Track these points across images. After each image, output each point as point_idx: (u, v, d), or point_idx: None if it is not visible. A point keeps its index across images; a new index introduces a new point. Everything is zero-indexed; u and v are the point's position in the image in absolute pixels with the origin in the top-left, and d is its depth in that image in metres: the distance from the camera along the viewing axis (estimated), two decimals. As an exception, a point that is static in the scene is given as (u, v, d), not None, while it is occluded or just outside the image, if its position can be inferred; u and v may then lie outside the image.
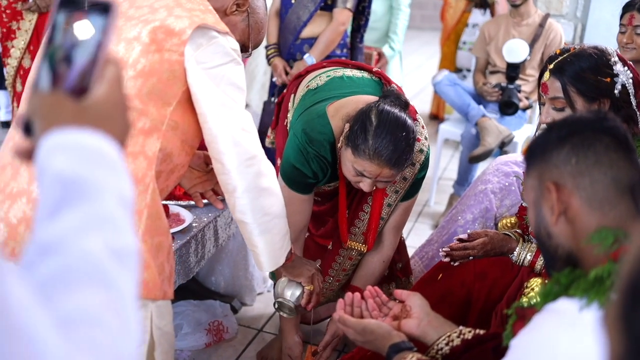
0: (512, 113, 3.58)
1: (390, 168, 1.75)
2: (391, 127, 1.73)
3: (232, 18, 1.59)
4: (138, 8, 1.43)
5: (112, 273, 0.56)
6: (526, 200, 1.12)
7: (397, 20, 3.91)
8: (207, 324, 2.51)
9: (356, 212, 2.10)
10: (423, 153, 1.99)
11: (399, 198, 2.04)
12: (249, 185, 1.45)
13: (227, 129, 1.41)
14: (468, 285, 1.78)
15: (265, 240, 1.56)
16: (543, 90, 1.79)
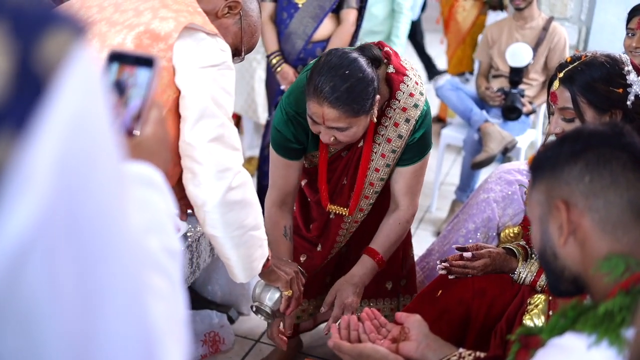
0: (515, 118, 3.52)
1: (330, 106, 1.65)
2: (334, 65, 1.66)
3: (224, 21, 1.54)
4: (123, 12, 1.37)
5: (167, 265, 0.68)
6: (530, 215, 1.06)
7: (399, 24, 3.85)
8: (202, 334, 2.46)
9: (352, 183, 2.03)
10: (418, 108, 1.89)
11: (397, 157, 1.95)
12: (221, 199, 1.39)
13: (203, 137, 1.35)
14: (467, 303, 1.73)
15: (238, 253, 1.50)
16: (552, 100, 1.73)
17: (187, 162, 1.37)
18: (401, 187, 2.01)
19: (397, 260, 2.23)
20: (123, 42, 1.32)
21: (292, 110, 1.86)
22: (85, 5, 1.42)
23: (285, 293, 1.78)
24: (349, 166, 2.00)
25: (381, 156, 1.95)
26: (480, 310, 1.70)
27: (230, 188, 1.39)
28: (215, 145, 1.36)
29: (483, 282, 1.75)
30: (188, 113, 1.35)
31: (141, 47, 1.31)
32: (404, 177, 1.99)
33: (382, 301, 2.27)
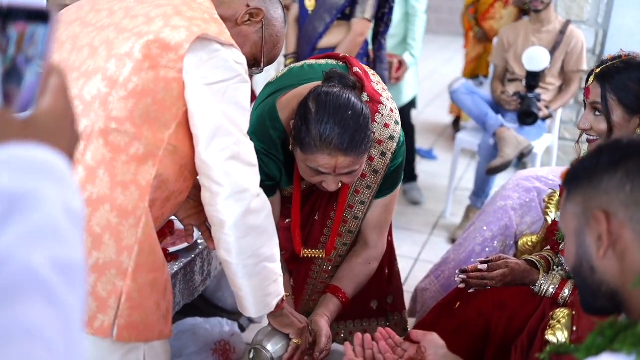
0: (532, 123, 3.46)
1: (344, 154, 1.54)
2: (332, 109, 1.53)
3: (244, 29, 1.44)
4: (133, 18, 1.28)
5: (57, 287, 0.54)
6: (564, 229, 1.01)
7: (414, 27, 3.80)
8: (213, 343, 2.42)
9: (324, 219, 1.90)
10: (394, 140, 1.76)
11: (372, 194, 1.83)
12: (237, 221, 1.29)
13: (219, 156, 1.27)
14: (486, 315, 1.67)
15: (251, 284, 1.38)
16: (585, 94, 1.73)
17: (204, 181, 1.30)
18: (370, 221, 1.89)
19: (382, 277, 2.10)
20: (131, 50, 1.23)
21: (260, 145, 1.68)
22: (95, 8, 1.35)
23: (294, 341, 1.65)
24: (322, 202, 1.89)
25: (355, 192, 1.83)
26: (500, 324, 1.64)
27: (249, 211, 1.30)
28: (232, 163, 1.28)
29: (503, 295, 1.69)
30: (200, 132, 1.26)
31: (149, 56, 1.22)
32: (373, 210, 1.87)
33: (368, 321, 2.15)
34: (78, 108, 1.21)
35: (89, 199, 1.18)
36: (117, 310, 1.18)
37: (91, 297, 1.17)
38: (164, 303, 1.28)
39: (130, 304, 1.19)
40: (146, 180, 1.22)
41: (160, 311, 1.27)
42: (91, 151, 1.19)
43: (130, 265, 1.20)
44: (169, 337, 1.31)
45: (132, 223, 1.20)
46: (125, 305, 1.19)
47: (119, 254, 1.19)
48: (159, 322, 1.26)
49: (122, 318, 1.19)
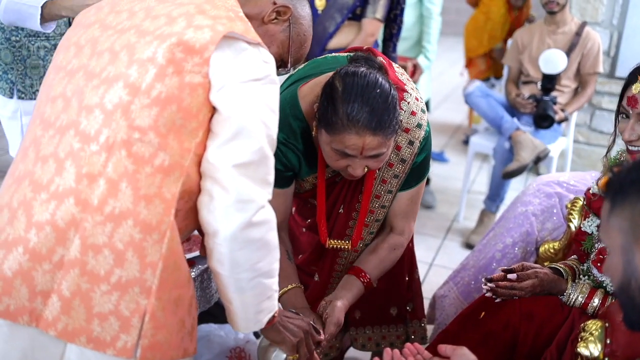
0: (548, 127, 3.41)
1: (372, 134, 1.49)
2: (360, 88, 1.49)
3: (271, 27, 1.38)
4: (154, 18, 1.21)
5: None
6: (608, 243, 0.96)
7: (429, 29, 3.75)
8: (228, 350, 2.37)
9: (349, 211, 1.83)
10: (422, 128, 1.71)
11: (400, 182, 1.78)
12: (234, 233, 1.16)
13: (229, 160, 1.16)
14: (514, 327, 1.62)
15: (242, 299, 1.26)
16: (630, 104, 1.64)
17: (207, 184, 1.18)
18: (396, 211, 1.84)
19: (402, 284, 2.06)
20: (154, 55, 1.15)
21: (281, 135, 1.62)
22: (115, 9, 1.28)
23: (289, 358, 1.54)
24: (346, 193, 1.82)
25: (382, 182, 1.78)
26: (528, 335, 1.60)
27: (250, 224, 1.18)
28: (242, 171, 1.17)
29: (530, 305, 1.65)
30: (221, 129, 1.17)
31: (173, 61, 1.14)
32: (399, 202, 1.82)
33: (387, 328, 2.11)
34: (99, 117, 1.15)
35: (111, 213, 1.13)
36: (140, 329, 1.13)
37: (114, 316, 1.12)
38: (189, 320, 1.22)
39: (154, 324, 1.14)
40: (171, 193, 1.15)
41: (185, 329, 1.21)
42: (113, 163, 1.13)
43: (155, 282, 1.14)
44: (194, 355, 1.25)
45: (156, 238, 1.14)
46: (149, 325, 1.14)
47: (143, 271, 1.13)
48: (183, 340, 1.20)
49: (145, 338, 1.14)
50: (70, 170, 1.14)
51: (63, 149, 1.16)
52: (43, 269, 1.13)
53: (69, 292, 1.12)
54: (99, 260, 1.12)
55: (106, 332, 1.12)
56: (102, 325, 1.12)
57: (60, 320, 1.13)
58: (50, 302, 1.13)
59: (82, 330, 1.12)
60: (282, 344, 1.51)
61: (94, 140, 1.14)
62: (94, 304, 1.12)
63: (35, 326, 1.14)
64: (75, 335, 1.13)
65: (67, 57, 1.26)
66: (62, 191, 1.14)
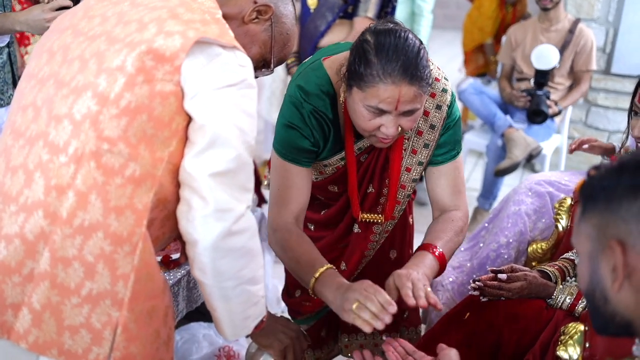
0: (541, 122, 3.41)
1: (409, 83, 1.44)
2: (392, 39, 1.45)
3: (252, 27, 1.33)
4: (126, 24, 1.17)
5: None
6: (577, 247, 0.94)
7: (420, 27, 3.74)
8: (217, 349, 2.39)
9: (380, 189, 1.77)
10: (448, 93, 1.68)
11: (430, 153, 1.71)
12: (214, 242, 1.15)
13: (206, 169, 1.13)
14: (497, 328, 1.62)
15: (227, 307, 1.24)
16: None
17: (185, 193, 1.16)
18: (444, 188, 1.73)
19: None
20: (123, 64, 1.12)
21: (309, 106, 1.61)
22: (89, 14, 1.24)
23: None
24: (374, 171, 1.76)
25: (412, 152, 1.71)
26: (512, 337, 1.60)
27: (230, 233, 1.16)
28: (220, 180, 1.14)
29: (515, 307, 1.65)
30: (196, 138, 1.14)
31: (143, 69, 1.11)
32: (444, 175, 1.73)
33: (379, 336, 2.02)
34: (67, 128, 1.13)
35: (81, 226, 1.11)
36: (112, 342, 1.12)
37: (85, 328, 1.11)
38: (165, 330, 1.21)
39: (126, 335, 1.13)
40: (143, 204, 1.13)
41: (160, 339, 1.19)
42: (82, 175, 1.10)
43: (126, 294, 1.12)
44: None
45: (128, 250, 1.12)
46: (122, 337, 1.12)
47: (114, 283, 1.12)
48: (159, 350, 1.19)
49: (118, 350, 1.12)
50: (39, 182, 1.13)
51: (32, 160, 1.15)
52: (13, 281, 1.12)
53: (39, 304, 1.11)
54: (68, 273, 1.11)
55: (78, 345, 1.12)
56: (74, 338, 1.11)
57: (31, 332, 1.12)
58: (21, 314, 1.12)
59: (54, 343, 1.12)
60: (269, 349, 1.49)
61: (62, 151, 1.12)
62: (64, 317, 1.11)
63: (7, 338, 1.13)
64: (46, 348, 1.12)
65: (39, 64, 1.24)
66: (31, 204, 1.12)
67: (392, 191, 1.74)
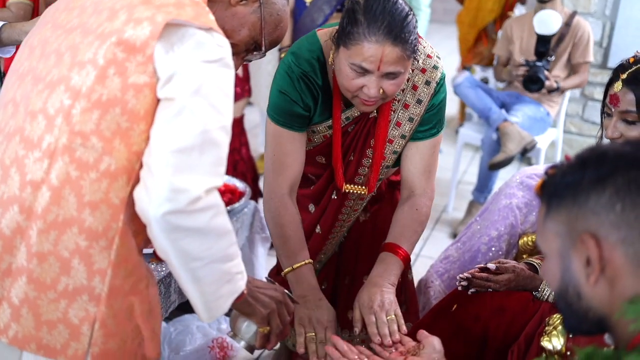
0: (537, 90, 3.39)
1: (392, 43, 1.47)
2: (381, 1, 1.49)
3: (239, 9, 1.30)
4: (99, 14, 1.14)
5: None
6: (544, 247, 0.93)
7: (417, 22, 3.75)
8: (210, 340, 2.40)
9: (360, 158, 1.80)
10: (438, 70, 1.72)
11: (414, 127, 1.75)
12: (168, 224, 1.06)
13: (167, 145, 1.07)
14: (484, 321, 1.63)
15: (197, 289, 1.15)
16: (612, 102, 1.64)
17: (143, 172, 1.10)
18: (417, 165, 1.77)
19: None
20: (94, 57, 1.09)
21: (299, 70, 1.65)
22: (69, 6, 1.22)
23: (259, 330, 1.42)
24: (357, 140, 1.79)
25: (396, 125, 1.74)
26: (499, 330, 1.61)
27: (184, 212, 1.07)
28: (181, 158, 1.07)
29: (502, 299, 1.66)
30: (161, 110, 1.09)
31: (115, 61, 1.08)
32: (420, 152, 1.77)
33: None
34: (42, 123, 1.12)
35: (55, 221, 1.10)
36: (90, 337, 1.12)
37: (62, 323, 1.11)
38: (148, 325, 1.19)
39: (104, 331, 1.12)
40: (120, 198, 1.11)
41: (142, 335, 1.18)
42: (56, 170, 1.10)
43: (104, 290, 1.11)
44: (157, 359, 1.22)
45: (104, 245, 1.10)
46: (100, 332, 1.12)
47: (90, 278, 1.11)
48: (140, 346, 1.18)
49: (96, 346, 1.12)
50: (15, 178, 1.13)
51: (9, 156, 1.15)
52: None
53: (17, 299, 1.12)
54: (44, 268, 1.11)
55: (56, 340, 1.12)
56: (52, 333, 1.12)
57: (10, 327, 1.12)
58: (1, 309, 1.13)
59: (32, 338, 1.12)
60: (252, 316, 1.39)
61: (37, 146, 1.12)
62: (42, 312, 1.11)
63: None
64: (25, 342, 1.12)
65: (21, 60, 1.24)
66: (7, 199, 1.13)
67: (376, 161, 1.78)
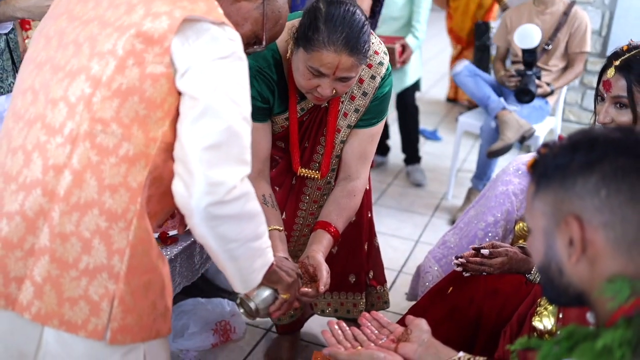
0: (529, 101, 3.46)
1: (348, 54, 1.63)
2: (342, 12, 1.63)
3: (243, 5, 1.37)
4: (116, 7, 1.21)
5: None
6: (531, 224, 0.97)
7: (419, 9, 3.77)
8: (214, 323, 2.47)
9: (314, 145, 1.97)
10: (383, 66, 1.88)
11: (358, 117, 1.91)
12: (208, 214, 1.17)
13: (199, 143, 1.15)
14: (478, 303, 1.69)
15: (234, 266, 1.29)
16: (605, 88, 1.70)
17: (178, 168, 1.18)
18: (355, 149, 1.94)
19: (361, 252, 2.18)
20: (114, 48, 1.16)
21: (256, 64, 1.76)
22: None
23: (282, 296, 1.57)
24: (311, 129, 1.95)
25: (343, 115, 1.90)
26: (493, 311, 1.67)
27: (223, 203, 1.17)
28: (213, 154, 1.16)
29: (495, 282, 1.72)
30: (187, 110, 1.16)
31: (133, 52, 1.15)
32: (359, 138, 1.93)
33: (345, 295, 2.23)
34: (63, 110, 1.18)
35: (77, 203, 1.16)
36: (109, 313, 1.17)
37: (83, 300, 1.17)
38: (161, 302, 1.26)
39: (123, 307, 1.18)
40: (137, 182, 1.18)
41: (157, 311, 1.25)
42: (77, 154, 1.16)
43: (122, 268, 1.17)
44: (168, 334, 1.30)
45: (123, 226, 1.17)
46: (118, 309, 1.18)
47: (110, 257, 1.17)
48: (155, 322, 1.25)
49: (115, 321, 1.18)
50: (37, 162, 1.18)
51: (30, 142, 1.20)
52: (15, 256, 1.18)
53: (40, 278, 1.17)
54: (66, 247, 1.16)
55: (77, 316, 1.17)
56: (73, 309, 1.17)
57: (33, 304, 1.17)
58: (24, 287, 1.18)
59: (54, 314, 1.17)
60: (278, 284, 1.54)
61: (59, 132, 1.17)
62: (64, 289, 1.17)
63: (12, 310, 1.19)
64: (48, 318, 1.17)
65: (37, 49, 1.29)
66: (30, 182, 1.18)
67: (327, 149, 1.93)
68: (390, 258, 3.12)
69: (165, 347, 1.33)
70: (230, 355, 2.42)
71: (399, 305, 2.68)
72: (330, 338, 1.43)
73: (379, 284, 2.28)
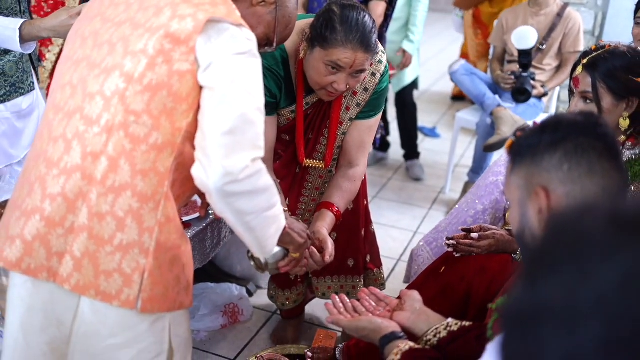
0: (524, 100, 3.60)
1: (363, 51, 1.83)
2: (355, 13, 1.83)
3: (259, 9, 1.51)
4: (145, 10, 1.33)
5: None
6: (509, 197, 1.13)
7: (416, 12, 3.91)
8: (223, 306, 2.60)
9: (317, 137, 2.14)
10: (382, 64, 2.06)
11: (360, 111, 2.09)
12: (225, 193, 1.27)
13: (218, 128, 1.26)
14: (468, 280, 1.84)
15: (252, 235, 1.40)
16: (574, 84, 1.85)
17: (198, 154, 1.29)
18: (355, 139, 2.12)
19: (358, 237, 2.35)
20: (145, 47, 1.28)
21: (265, 63, 1.85)
22: (115, 2, 1.41)
23: (292, 255, 1.71)
24: (315, 121, 2.11)
25: (346, 109, 2.08)
26: (481, 287, 1.81)
27: (237, 181, 1.27)
28: (230, 138, 1.26)
29: (484, 261, 1.87)
30: (206, 101, 1.27)
31: (162, 51, 1.27)
32: (358, 129, 2.11)
33: (344, 278, 2.39)
34: (100, 103, 1.30)
35: (112, 186, 1.28)
36: (140, 285, 1.29)
37: (117, 273, 1.29)
38: (185, 277, 1.38)
39: (152, 280, 1.30)
40: (165, 167, 1.29)
41: (181, 284, 1.37)
42: (113, 143, 1.28)
43: (152, 245, 1.29)
44: (190, 307, 1.43)
45: (152, 207, 1.29)
46: (148, 281, 1.29)
47: (141, 235, 1.29)
48: (179, 294, 1.37)
49: (145, 292, 1.29)
50: (77, 150, 1.30)
51: (70, 131, 1.32)
52: (57, 233, 1.30)
53: (79, 252, 1.29)
54: (103, 226, 1.28)
55: (112, 287, 1.29)
56: (108, 281, 1.29)
57: (73, 276, 1.30)
58: (65, 261, 1.30)
59: (92, 285, 1.29)
60: (290, 244, 1.69)
61: (96, 123, 1.30)
62: (100, 263, 1.29)
63: (53, 281, 1.32)
64: (86, 289, 1.29)
65: (74, 48, 1.42)
66: (70, 167, 1.30)
67: (330, 140, 2.11)
68: (390, 247, 3.27)
69: (186, 318, 1.47)
70: (238, 335, 2.55)
71: (398, 290, 2.78)
72: (333, 309, 1.58)
73: (375, 267, 2.45)
